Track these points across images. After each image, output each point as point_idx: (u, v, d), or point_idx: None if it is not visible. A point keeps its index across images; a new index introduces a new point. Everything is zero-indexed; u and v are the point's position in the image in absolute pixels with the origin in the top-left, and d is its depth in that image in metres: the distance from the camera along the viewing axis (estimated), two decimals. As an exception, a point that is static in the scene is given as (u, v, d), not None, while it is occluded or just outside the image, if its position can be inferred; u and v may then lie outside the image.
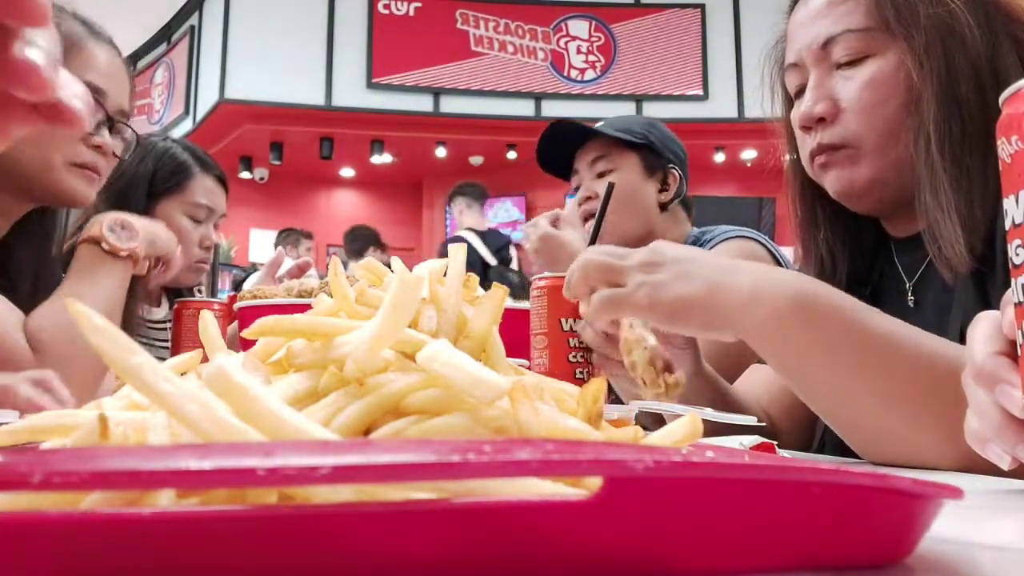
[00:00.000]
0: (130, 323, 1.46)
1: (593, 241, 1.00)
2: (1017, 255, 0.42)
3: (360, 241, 5.13)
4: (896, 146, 0.82)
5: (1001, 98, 0.44)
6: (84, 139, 1.10)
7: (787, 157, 1.02)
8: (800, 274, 0.76)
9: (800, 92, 0.91)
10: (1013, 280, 0.43)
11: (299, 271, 1.64)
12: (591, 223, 1.55)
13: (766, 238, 1.54)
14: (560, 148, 1.63)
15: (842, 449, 0.90)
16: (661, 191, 1.60)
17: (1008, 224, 0.43)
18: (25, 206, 1.16)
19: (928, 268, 0.86)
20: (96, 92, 1.10)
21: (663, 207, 1.59)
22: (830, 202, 0.92)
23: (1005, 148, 0.43)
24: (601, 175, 1.58)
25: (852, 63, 0.85)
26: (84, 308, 0.27)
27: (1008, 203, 0.43)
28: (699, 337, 0.80)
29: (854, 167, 0.85)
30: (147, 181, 1.56)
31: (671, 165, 1.61)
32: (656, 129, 1.63)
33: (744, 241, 1.51)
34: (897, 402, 0.65)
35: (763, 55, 1.04)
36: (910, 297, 0.89)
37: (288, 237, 5.56)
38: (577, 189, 1.64)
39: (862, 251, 0.96)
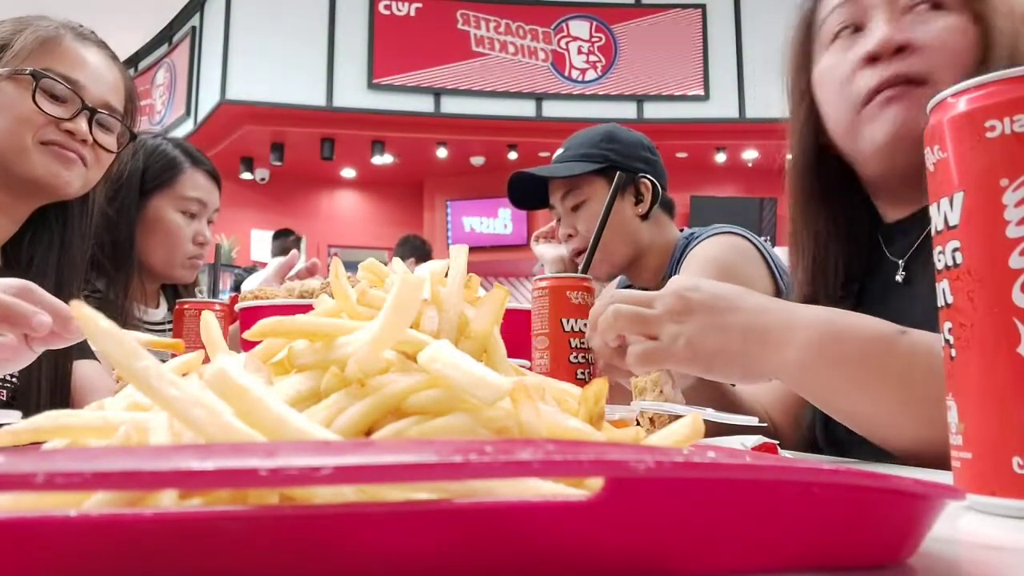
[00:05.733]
0: (127, 324, 1.46)
1: (597, 239, 1.01)
2: (939, 260, 0.43)
3: (415, 252, 5.03)
4: None
5: (928, 107, 0.44)
6: (55, 123, 1.12)
7: (789, 157, 1.01)
8: (819, 311, 0.74)
9: (848, 29, 0.87)
10: (937, 284, 0.43)
11: (307, 273, 1.65)
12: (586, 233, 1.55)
13: (753, 235, 1.54)
14: (530, 183, 1.62)
15: (842, 450, 0.90)
16: (637, 203, 1.57)
17: (933, 231, 0.43)
18: (23, 205, 1.17)
19: (923, 245, 0.86)
20: (69, 82, 1.13)
21: (644, 217, 1.57)
22: (832, 194, 0.91)
23: (929, 157, 0.43)
24: (575, 208, 1.57)
25: (926, 8, 0.83)
26: (89, 311, 0.27)
27: (932, 210, 0.43)
28: (736, 383, 0.80)
29: (921, 111, 0.85)
30: (139, 178, 1.56)
31: (640, 175, 1.57)
32: (615, 141, 1.58)
33: (731, 237, 1.51)
34: (929, 421, 0.65)
35: None
36: (901, 273, 0.89)
37: (288, 238, 5.55)
38: (559, 221, 1.63)
39: (859, 246, 0.95)
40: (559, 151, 1.62)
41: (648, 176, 1.57)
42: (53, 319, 0.78)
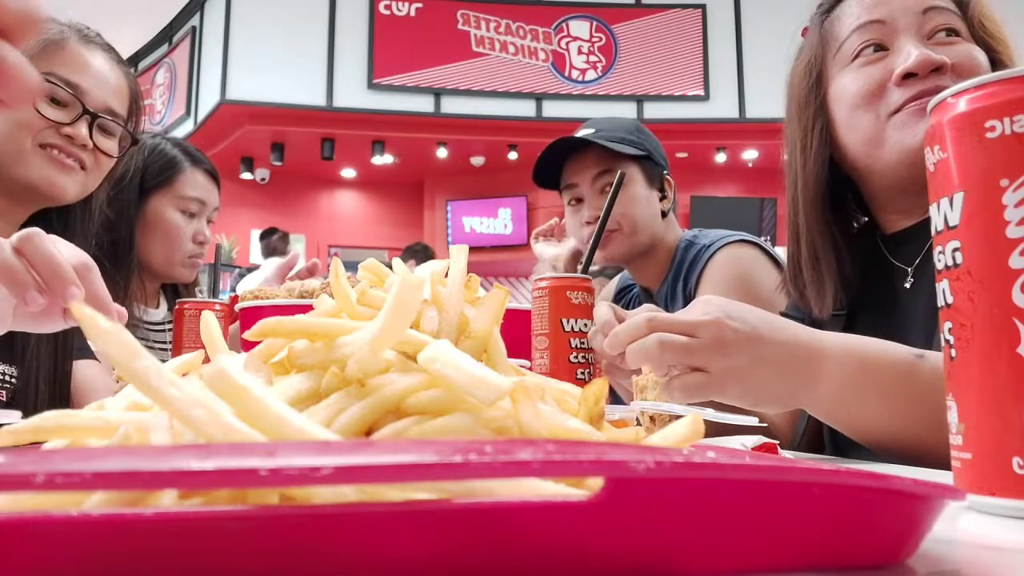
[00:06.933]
0: (127, 324, 1.46)
1: (598, 237, 1.00)
2: (939, 260, 0.43)
3: (414, 256, 5.03)
4: None
5: (928, 106, 0.44)
6: (55, 127, 1.11)
7: (785, 157, 1.02)
8: (838, 339, 0.73)
9: (870, 48, 0.91)
10: (937, 284, 0.43)
11: (308, 273, 1.65)
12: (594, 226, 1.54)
13: (761, 240, 1.54)
14: (551, 159, 1.55)
15: (840, 451, 0.90)
16: (661, 199, 1.57)
17: (932, 231, 0.43)
18: (21, 209, 1.16)
19: (927, 255, 0.87)
20: (71, 87, 1.13)
21: (663, 214, 1.57)
22: (835, 204, 0.92)
23: (929, 157, 0.43)
24: (605, 191, 1.50)
25: (947, 36, 0.88)
26: (89, 311, 0.27)
27: (932, 210, 0.43)
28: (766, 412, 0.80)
29: None
30: (138, 178, 1.57)
31: (666, 172, 1.58)
32: (647, 135, 1.58)
33: (740, 247, 1.49)
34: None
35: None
36: (909, 279, 0.90)
37: (273, 236, 5.56)
38: (572, 202, 1.57)
39: (856, 254, 0.97)
40: (587, 130, 1.54)
41: (669, 174, 1.58)
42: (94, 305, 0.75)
